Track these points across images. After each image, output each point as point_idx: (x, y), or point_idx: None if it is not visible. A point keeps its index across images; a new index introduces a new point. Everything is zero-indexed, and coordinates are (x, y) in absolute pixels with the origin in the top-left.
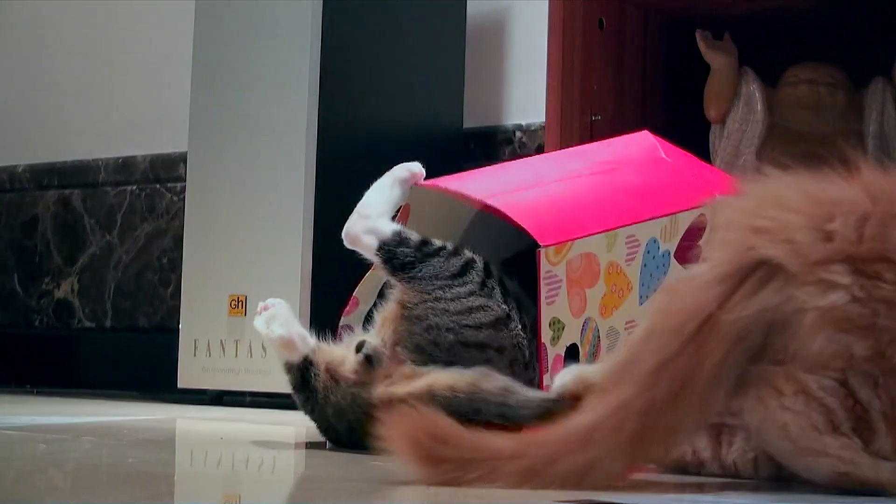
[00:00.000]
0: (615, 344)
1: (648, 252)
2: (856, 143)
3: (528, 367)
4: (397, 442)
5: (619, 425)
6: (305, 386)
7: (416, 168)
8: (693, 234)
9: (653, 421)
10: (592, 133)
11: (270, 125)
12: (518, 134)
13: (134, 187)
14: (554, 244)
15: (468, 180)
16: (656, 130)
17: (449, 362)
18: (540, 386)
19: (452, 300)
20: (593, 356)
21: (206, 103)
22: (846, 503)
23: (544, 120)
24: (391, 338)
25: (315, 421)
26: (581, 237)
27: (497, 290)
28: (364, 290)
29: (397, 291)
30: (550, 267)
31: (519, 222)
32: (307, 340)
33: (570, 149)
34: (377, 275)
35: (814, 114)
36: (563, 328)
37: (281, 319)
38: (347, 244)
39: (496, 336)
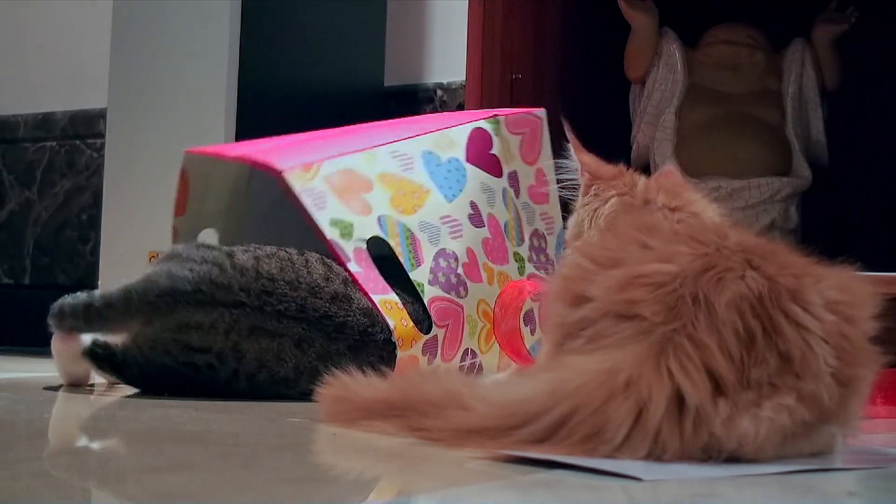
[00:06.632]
0: (437, 235)
1: (428, 162)
2: (775, 104)
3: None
4: (323, 399)
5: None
6: None
7: None
8: (481, 142)
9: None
10: (513, 92)
11: (190, 81)
12: (439, 92)
13: (53, 143)
14: (298, 167)
15: (257, 145)
16: (576, 90)
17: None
18: (349, 274)
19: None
20: (411, 246)
21: (126, 59)
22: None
23: (465, 79)
24: None
25: None
26: (328, 158)
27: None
28: (184, 229)
29: None
30: (305, 184)
31: (257, 160)
32: None
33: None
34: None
35: (733, 74)
36: (351, 225)
37: None
38: None
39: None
